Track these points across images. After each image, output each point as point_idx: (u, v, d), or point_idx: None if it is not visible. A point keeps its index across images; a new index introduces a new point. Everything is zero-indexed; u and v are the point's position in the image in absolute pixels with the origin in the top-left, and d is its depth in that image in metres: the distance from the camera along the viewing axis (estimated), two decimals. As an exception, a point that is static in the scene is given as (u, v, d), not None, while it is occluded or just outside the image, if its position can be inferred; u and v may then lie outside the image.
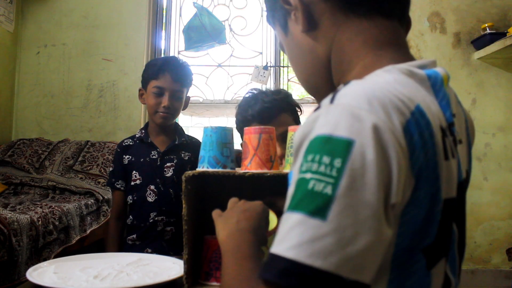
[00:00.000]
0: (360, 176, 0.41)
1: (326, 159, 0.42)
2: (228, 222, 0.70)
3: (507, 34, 2.44)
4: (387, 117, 0.43)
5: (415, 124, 0.45)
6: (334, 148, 0.42)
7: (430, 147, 0.46)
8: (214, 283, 0.93)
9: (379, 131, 0.42)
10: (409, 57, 0.58)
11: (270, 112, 1.30)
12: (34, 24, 2.75)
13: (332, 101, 0.45)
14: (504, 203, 2.69)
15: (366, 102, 0.44)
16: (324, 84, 0.63)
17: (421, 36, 2.74)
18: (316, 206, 0.41)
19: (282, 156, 1.21)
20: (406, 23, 0.63)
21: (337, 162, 0.41)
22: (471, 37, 2.71)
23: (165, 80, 1.52)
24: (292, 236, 0.41)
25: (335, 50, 0.60)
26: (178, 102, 1.56)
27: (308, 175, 0.42)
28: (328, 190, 0.41)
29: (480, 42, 2.62)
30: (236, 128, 1.39)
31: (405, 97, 0.46)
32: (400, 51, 0.58)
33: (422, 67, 0.54)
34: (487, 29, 2.57)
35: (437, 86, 0.53)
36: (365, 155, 0.41)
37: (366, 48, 0.57)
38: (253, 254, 0.62)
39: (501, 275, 2.64)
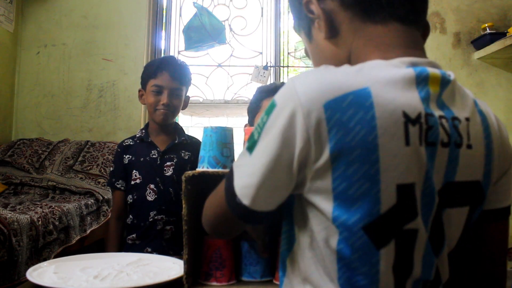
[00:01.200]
0: (269, 132, 0.54)
1: (264, 116, 0.56)
2: None
3: (507, 34, 2.44)
4: (311, 94, 0.52)
5: (346, 103, 0.51)
6: (269, 108, 0.55)
7: (364, 127, 0.51)
8: (214, 283, 0.93)
9: (296, 103, 0.52)
10: (420, 57, 0.59)
11: None
12: (34, 24, 2.75)
13: (295, 76, 0.56)
14: (504, 203, 2.69)
15: (308, 81, 0.53)
16: None
17: (421, 36, 2.74)
18: (249, 145, 0.57)
19: None
20: (423, 29, 0.65)
21: (265, 118, 0.55)
22: (471, 37, 2.71)
23: (163, 78, 1.54)
24: (238, 160, 0.60)
25: (353, 55, 0.63)
26: (177, 100, 1.57)
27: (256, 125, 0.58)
28: (256, 136, 0.56)
29: (480, 42, 2.62)
30: (250, 106, 1.50)
31: (351, 81, 0.53)
32: (411, 53, 0.60)
33: (413, 63, 0.57)
34: (487, 29, 2.57)
35: (419, 80, 0.55)
36: (278, 117, 0.53)
37: (377, 51, 0.60)
38: None
39: (501, 275, 2.63)
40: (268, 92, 1.42)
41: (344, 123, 0.51)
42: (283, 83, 1.43)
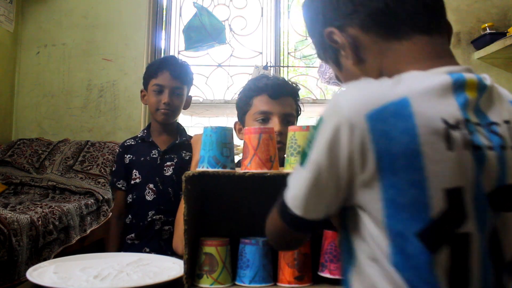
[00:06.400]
0: (317, 146, 0.57)
1: (312, 131, 0.59)
2: None
3: (507, 34, 2.43)
4: (354, 107, 0.54)
5: (387, 114, 0.53)
6: (317, 123, 0.58)
7: (406, 136, 0.52)
8: (327, 275, 0.94)
9: (340, 117, 0.54)
10: (450, 64, 0.60)
11: (281, 89, 1.31)
12: (34, 24, 2.75)
13: (339, 91, 0.59)
14: (504, 203, 2.69)
15: (350, 95, 0.57)
16: None
17: (421, 36, 2.74)
18: (302, 160, 0.60)
19: (279, 134, 1.23)
20: (446, 30, 0.66)
21: (314, 133, 0.58)
22: (471, 37, 2.70)
23: (164, 77, 1.55)
24: (292, 175, 0.63)
25: (385, 75, 0.63)
26: (178, 99, 1.58)
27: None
28: (307, 150, 0.59)
29: (480, 42, 2.62)
30: (238, 103, 1.37)
31: (390, 91, 0.55)
32: (440, 61, 0.60)
33: (450, 71, 0.58)
34: (487, 29, 2.57)
35: (456, 86, 0.56)
36: (325, 132, 0.56)
37: (409, 66, 0.61)
38: None
39: (501, 275, 2.63)
40: (259, 90, 1.31)
41: (387, 133, 0.53)
42: (276, 77, 1.40)
